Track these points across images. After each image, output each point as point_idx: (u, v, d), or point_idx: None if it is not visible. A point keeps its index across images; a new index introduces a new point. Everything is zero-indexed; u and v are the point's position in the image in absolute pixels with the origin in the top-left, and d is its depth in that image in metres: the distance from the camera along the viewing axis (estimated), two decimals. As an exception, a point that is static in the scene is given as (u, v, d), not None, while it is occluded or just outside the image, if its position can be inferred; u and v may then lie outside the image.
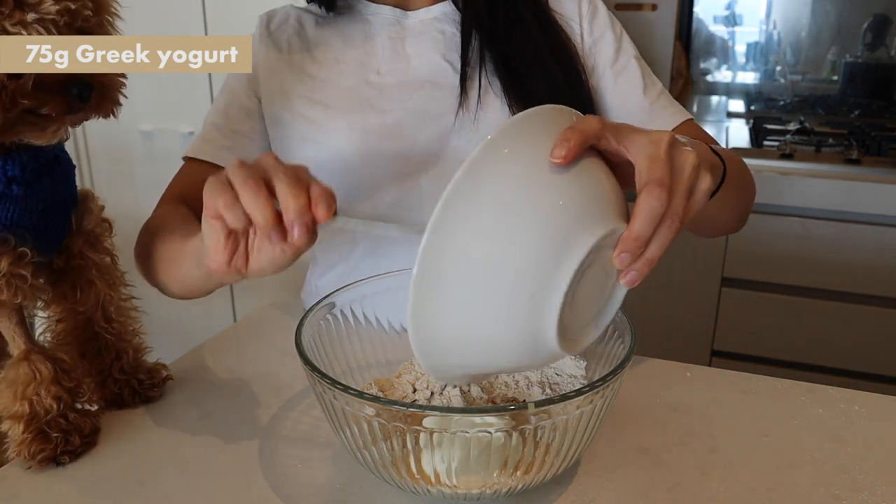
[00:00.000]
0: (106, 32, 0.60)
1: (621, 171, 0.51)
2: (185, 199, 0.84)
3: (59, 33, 0.54)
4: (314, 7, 0.91)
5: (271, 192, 0.51)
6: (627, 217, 0.48)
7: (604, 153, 0.51)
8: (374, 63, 0.87)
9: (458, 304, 0.47)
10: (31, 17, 0.52)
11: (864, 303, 1.59)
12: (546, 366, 0.66)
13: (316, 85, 0.87)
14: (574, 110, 0.51)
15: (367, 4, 0.89)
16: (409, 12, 0.88)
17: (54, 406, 0.63)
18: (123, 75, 0.60)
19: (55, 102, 0.55)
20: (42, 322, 0.69)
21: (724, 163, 0.66)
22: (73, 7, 0.54)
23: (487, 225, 0.45)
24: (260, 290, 1.92)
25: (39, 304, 0.67)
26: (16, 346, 0.63)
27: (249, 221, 0.52)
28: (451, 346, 0.49)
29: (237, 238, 0.54)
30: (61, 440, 0.63)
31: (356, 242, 0.89)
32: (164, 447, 0.66)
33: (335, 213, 0.51)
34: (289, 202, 0.50)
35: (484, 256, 0.45)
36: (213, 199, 0.52)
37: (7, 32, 0.51)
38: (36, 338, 0.67)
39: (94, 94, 0.57)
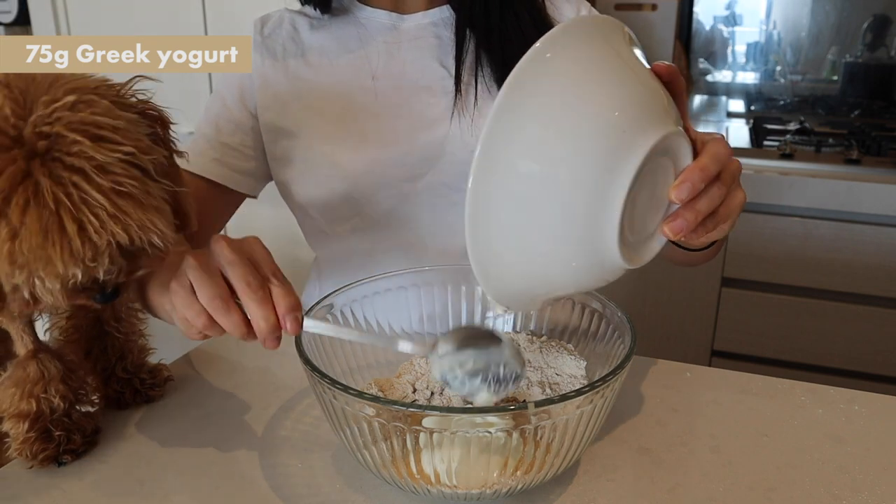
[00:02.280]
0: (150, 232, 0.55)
1: None
2: None
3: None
4: (308, 9, 0.90)
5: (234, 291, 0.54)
6: (687, 139, 0.49)
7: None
8: (370, 68, 0.86)
9: (516, 208, 0.45)
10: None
11: (864, 303, 1.59)
12: (607, 282, 0.59)
13: (311, 91, 0.86)
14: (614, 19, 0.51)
15: (363, 8, 0.88)
16: (405, 16, 0.87)
17: (61, 405, 0.63)
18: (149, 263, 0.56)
19: (79, 305, 0.55)
20: (49, 319, 0.69)
21: None
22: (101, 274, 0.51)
23: (545, 124, 0.44)
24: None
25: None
26: (23, 345, 0.63)
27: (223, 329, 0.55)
28: (509, 259, 0.48)
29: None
30: (63, 439, 0.63)
31: (351, 251, 0.89)
32: (165, 447, 0.66)
33: (302, 320, 0.55)
34: (260, 323, 0.54)
35: (543, 156, 0.44)
36: (187, 315, 0.55)
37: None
38: (42, 335, 0.67)
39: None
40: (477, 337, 0.57)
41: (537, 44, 0.44)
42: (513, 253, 0.47)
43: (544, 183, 0.44)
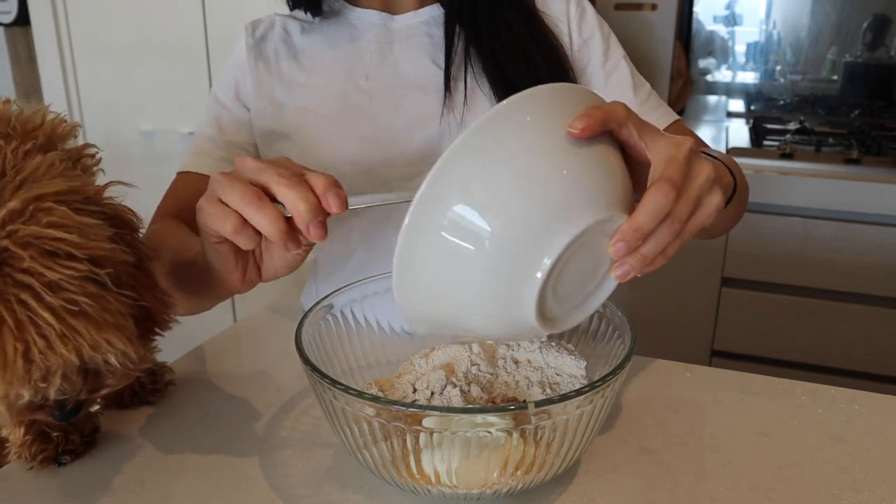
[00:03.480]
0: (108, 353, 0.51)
1: (636, 174, 0.51)
2: (181, 214, 0.83)
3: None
4: (299, 13, 0.90)
5: (270, 197, 0.51)
6: (631, 212, 0.48)
7: (623, 146, 0.50)
8: (363, 68, 0.86)
9: (450, 252, 0.46)
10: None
11: (864, 303, 1.59)
12: (524, 339, 0.66)
13: (305, 93, 0.86)
14: (597, 94, 0.50)
15: (353, 9, 0.88)
16: (395, 16, 0.87)
17: None
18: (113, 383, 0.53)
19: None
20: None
21: (734, 178, 0.66)
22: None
23: (487, 182, 0.44)
24: (259, 292, 1.92)
25: None
26: None
27: (260, 237, 0.51)
28: (432, 300, 0.49)
29: (246, 254, 0.54)
30: (62, 440, 0.63)
31: (351, 252, 0.89)
32: (165, 447, 0.66)
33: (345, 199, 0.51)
34: (299, 206, 0.49)
35: (486, 208, 0.44)
36: (216, 224, 0.51)
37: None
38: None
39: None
40: None
41: (483, 118, 0.45)
42: (433, 295, 0.48)
43: (481, 228, 0.45)
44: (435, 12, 0.87)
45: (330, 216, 0.51)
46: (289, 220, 0.51)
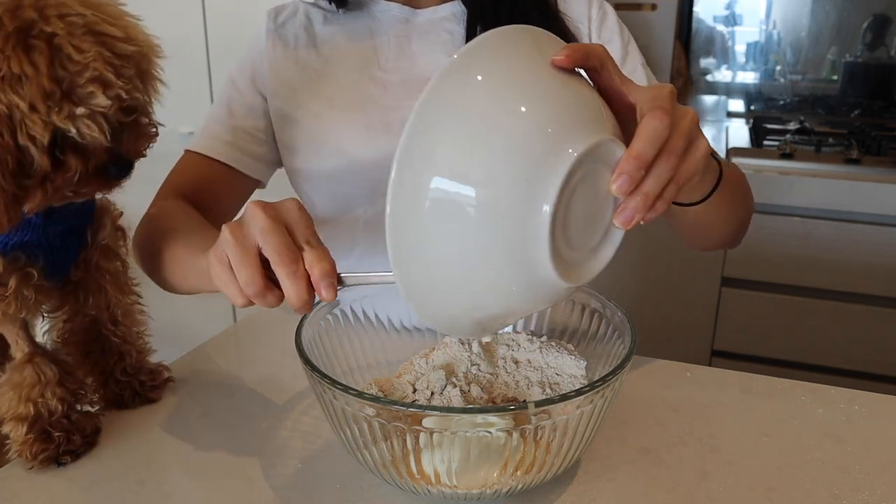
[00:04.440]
0: (150, 106, 0.58)
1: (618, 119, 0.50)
2: (186, 193, 0.84)
3: (108, 124, 0.51)
4: (323, 2, 0.91)
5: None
6: (623, 143, 0.46)
7: (603, 91, 0.50)
8: (380, 60, 0.87)
9: (442, 233, 0.43)
10: (80, 110, 0.50)
11: (864, 303, 1.59)
12: (551, 303, 0.59)
13: (321, 80, 0.87)
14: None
15: (377, 2, 0.89)
16: (417, 10, 0.88)
17: (59, 408, 0.63)
18: (149, 142, 0.59)
19: (94, 185, 0.55)
20: (47, 321, 0.69)
21: (720, 165, 0.65)
22: (124, 97, 0.52)
23: (464, 137, 0.42)
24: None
25: (45, 308, 0.67)
26: (19, 348, 0.63)
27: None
28: (443, 288, 0.46)
29: None
30: (63, 440, 0.63)
31: (355, 243, 0.89)
32: (165, 447, 0.66)
33: (338, 283, 0.53)
34: (292, 298, 0.52)
35: (464, 172, 0.42)
36: (224, 290, 0.55)
37: (55, 126, 0.49)
38: (39, 337, 0.67)
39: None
40: None
41: (447, 63, 0.43)
42: (441, 284, 0.46)
43: (464, 208, 0.42)
44: (456, 9, 0.88)
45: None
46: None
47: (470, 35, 0.84)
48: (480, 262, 0.44)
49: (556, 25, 0.86)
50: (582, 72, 0.49)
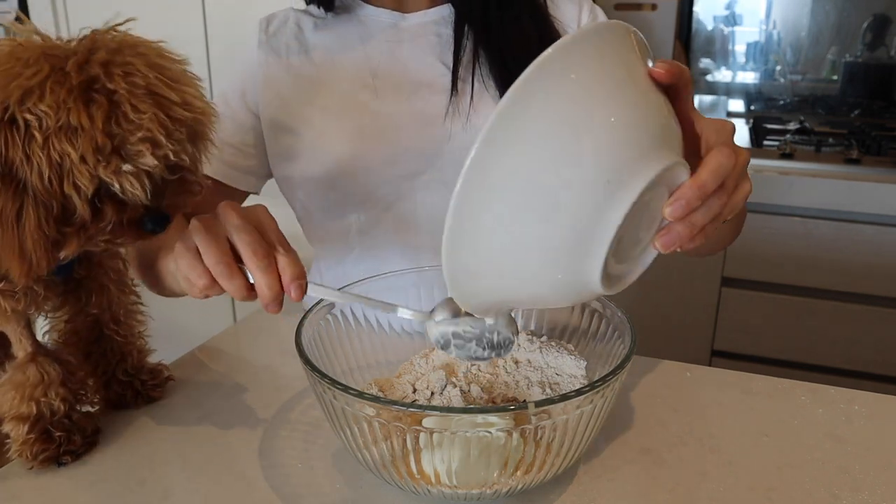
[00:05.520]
0: (198, 164, 0.58)
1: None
2: None
3: (152, 182, 0.52)
4: (313, 9, 0.91)
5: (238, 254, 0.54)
6: (689, 168, 0.47)
7: (675, 111, 0.50)
8: (371, 66, 0.86)
9: (506, 220, 0.43)
10: (126, 167, 0.50)
11: (864, 303, 1.59)
12: (571, 304, 0.63)
13: (313, 87, 0.87)
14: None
15: (365, 7, 0.89)
16: (406, 15, 0.88)
17: (61, 407, 0.63)
18: (192, 198, 0.59)
19: (129, 236, 0.55)
20: (48, 321, 0.69)
21: None
22: (171, 158, 0.52)
23: (547, 140, 0.42)
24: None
25: (48, 307, 0.67)
26: (21, 347, 0.63)
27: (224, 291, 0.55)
28: (486, 269, 0.46)
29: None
30: (64, 440, 0.63)
31: (349, 248, 0.89)
32: (165, 447, 0.66)
33: (305, 286, 0.55)
34: (264, 290, 0.54)
35: (541, 171, 0.42)
36: (189, 275, 0.55)
37: (101, 179, 0.49)
38: (40, 337, 0.67)
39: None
40: None
41: (539, 59, 0.42)
42: (491, 274, 0.46)
43: (532, 210, 0.43)
44: (445, 12, 0.87)
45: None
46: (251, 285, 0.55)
47: (458, 38, 0.84)
48: (536, 252, 0.44)
49: (547, 28, 0.85)
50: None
